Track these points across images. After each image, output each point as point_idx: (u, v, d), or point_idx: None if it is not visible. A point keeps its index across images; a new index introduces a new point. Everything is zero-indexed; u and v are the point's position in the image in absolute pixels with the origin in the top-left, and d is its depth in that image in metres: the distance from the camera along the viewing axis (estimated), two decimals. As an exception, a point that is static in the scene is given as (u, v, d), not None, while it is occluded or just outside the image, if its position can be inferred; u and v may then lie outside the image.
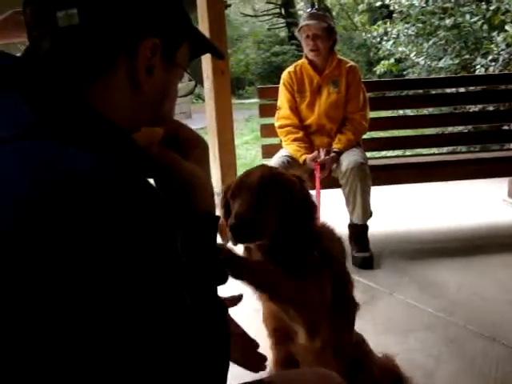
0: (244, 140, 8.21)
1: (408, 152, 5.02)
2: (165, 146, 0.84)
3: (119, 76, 0.75)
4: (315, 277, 1.41)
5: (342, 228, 3.12)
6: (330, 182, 3.07)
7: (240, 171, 4.54)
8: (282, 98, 3.30)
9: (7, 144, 0.61)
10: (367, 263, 2.97)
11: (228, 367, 0.83)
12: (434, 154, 4.63)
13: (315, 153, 3.06)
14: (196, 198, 0.84)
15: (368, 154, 3.30)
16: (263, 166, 1.62)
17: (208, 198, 0.87)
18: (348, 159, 2.97)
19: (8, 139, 0.61)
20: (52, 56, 0.72)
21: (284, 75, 3.33)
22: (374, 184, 3.02)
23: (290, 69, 3.32)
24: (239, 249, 1.48)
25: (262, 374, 1.15)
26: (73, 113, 0.67)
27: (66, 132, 0.64)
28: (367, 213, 3.04)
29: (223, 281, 0.88)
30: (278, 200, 1.41)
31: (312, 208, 1.47)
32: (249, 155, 7.00)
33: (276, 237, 1.40)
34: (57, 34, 0.72)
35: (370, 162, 3.13)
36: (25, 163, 0.59)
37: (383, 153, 4.33)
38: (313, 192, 2.50)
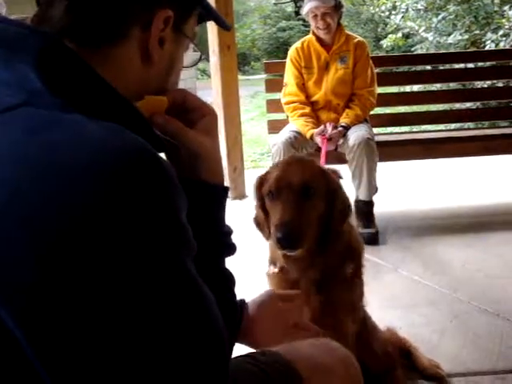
0: (249, 116, 8.16)
1: (415, 128, 4.98)
2: (171, 116, 0.82)
3: (131, 47, 0.74)
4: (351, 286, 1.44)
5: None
6: (337, 158, 3.06)
7: (245, 147, 4.51)
8: (289, 75, 3.27)
9: (12, 110, 0.61)
10: (373, 239, 2.97)
11: (235, 339, 0.84)
12: (441, 131, 4.59)
13: (322, 127, 3.05)
14: (204, 168, 0.82)
15: (375, 130, 3.29)
16: (302, 159, 1.50)
17: (217, 169, 0.85)
18: (355, 135, 2.96)
19: (15, 106, 0.62)
20: (63, 23, 0.71)
21: (291, 51, 3.30)
22: (381, 160, 3.01)
23: (298, 45, 3.29)
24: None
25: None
26: (79, 82, 0.66)
27: (72, 100, 0.64)
28: (373, 189, 3.04)
29: (232, 252, 0.88)
30: (321, 202, 1.36)
31: (350, 207, 1.44)
32: (254, 131, 6.97)
33: (317, 239, 1.36)
34: (70, 1, 0.71)
35: (377, 138, 3.12)
36: (25, 129, 0.59)
37: (390, 129, 4.29)
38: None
